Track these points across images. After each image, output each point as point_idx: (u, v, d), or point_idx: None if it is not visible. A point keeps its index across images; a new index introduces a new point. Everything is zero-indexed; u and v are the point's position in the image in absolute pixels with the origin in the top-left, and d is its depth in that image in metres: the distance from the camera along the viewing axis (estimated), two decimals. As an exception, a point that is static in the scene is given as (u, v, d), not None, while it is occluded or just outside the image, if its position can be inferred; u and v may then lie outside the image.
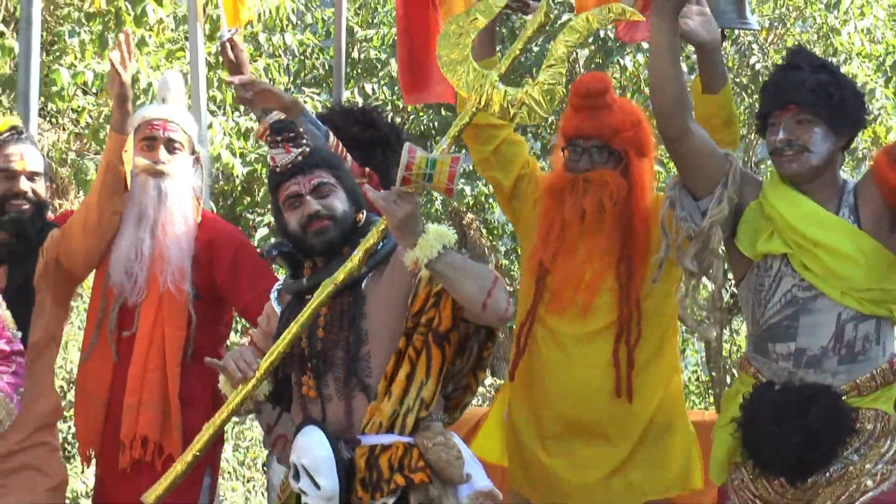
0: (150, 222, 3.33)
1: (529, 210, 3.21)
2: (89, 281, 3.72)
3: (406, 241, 2.64)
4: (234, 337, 7.62)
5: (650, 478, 3.12)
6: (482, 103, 2.79)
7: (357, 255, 2.73)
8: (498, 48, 3.57)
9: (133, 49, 3.34)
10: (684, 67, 3.69)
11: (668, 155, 3.35)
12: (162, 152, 3.34)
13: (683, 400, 3.31)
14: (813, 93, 2.79)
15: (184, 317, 3.33)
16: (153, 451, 3.27)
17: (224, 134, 6.70)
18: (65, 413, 7.70)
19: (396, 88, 7.38)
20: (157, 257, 3.29)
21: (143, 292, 3.30)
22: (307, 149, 2.90)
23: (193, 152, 3.48)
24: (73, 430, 7.02)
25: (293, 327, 2.78)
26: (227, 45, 3.72)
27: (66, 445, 6.91)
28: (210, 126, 5.73)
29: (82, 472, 6.92)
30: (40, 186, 3.33)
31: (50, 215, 3.56)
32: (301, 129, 3.04)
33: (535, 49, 7.33)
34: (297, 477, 2.78)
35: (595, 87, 3.15)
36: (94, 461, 3.57)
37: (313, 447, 2.77)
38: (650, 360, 3.08)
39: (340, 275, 2.73)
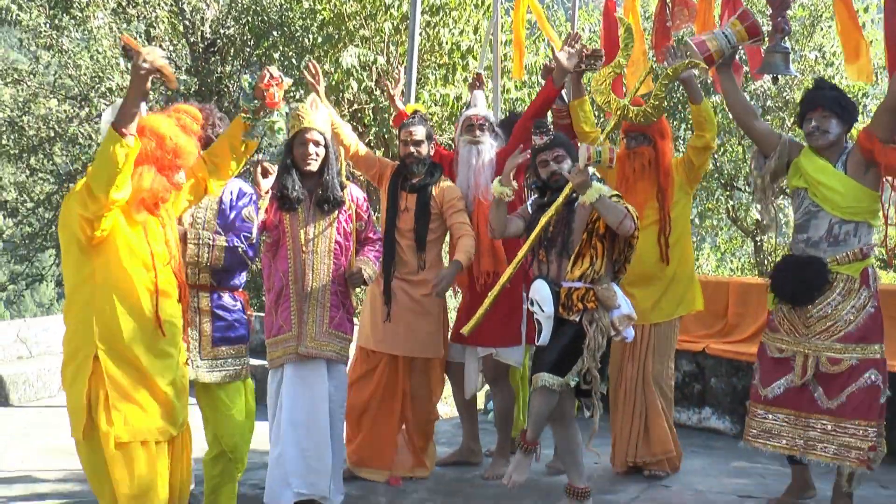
0: (473, 168, 4.44)
1: None
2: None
3: (581, 192, 3.61)
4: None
5: (674, 305, 4.35)
6: (621, 115, 3.88)
7: (560, 198, 3.70)
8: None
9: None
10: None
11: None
12: (476, 132, 4.48)
13: (693, 264, 4.46)
14: (829, 100, 3.63)
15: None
16: (491, 279, 4.30)
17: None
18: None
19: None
20: (475, 185, 4.42)
21: (472, 205, 4.41)
22: (552, 136, 3.78)
23: (493, 129, 4.55)
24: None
25: (537, 230, 3.72)
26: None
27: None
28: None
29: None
30: (424, 148, 4.35)
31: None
32: (550, 127, 3.91)
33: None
34: (532, 304, 3.67)
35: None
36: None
37: (541, 290, 3.65)
38: (674, 245, 4.28)
39: (559, 201, 3.70)
